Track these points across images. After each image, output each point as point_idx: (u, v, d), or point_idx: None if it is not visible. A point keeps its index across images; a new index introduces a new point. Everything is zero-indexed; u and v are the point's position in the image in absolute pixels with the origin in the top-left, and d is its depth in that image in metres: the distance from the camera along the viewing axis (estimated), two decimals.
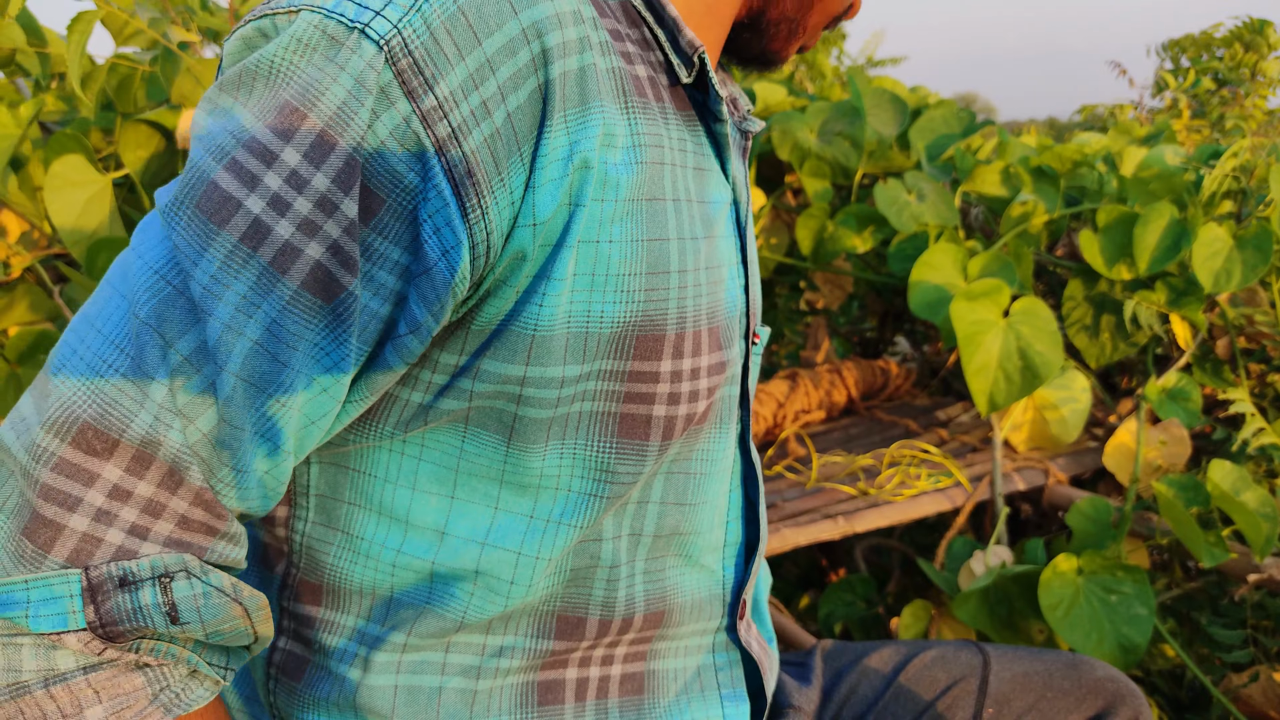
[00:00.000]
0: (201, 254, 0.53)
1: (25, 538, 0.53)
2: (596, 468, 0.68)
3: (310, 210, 0.54)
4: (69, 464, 0.53)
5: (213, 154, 0.54)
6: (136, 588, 0.54)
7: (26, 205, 1.28)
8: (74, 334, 0.55)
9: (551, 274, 0.59)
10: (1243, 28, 3.04)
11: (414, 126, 0.54)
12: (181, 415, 0.54)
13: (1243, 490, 1.54)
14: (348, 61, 0.53)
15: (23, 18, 1.35)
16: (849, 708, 1.01)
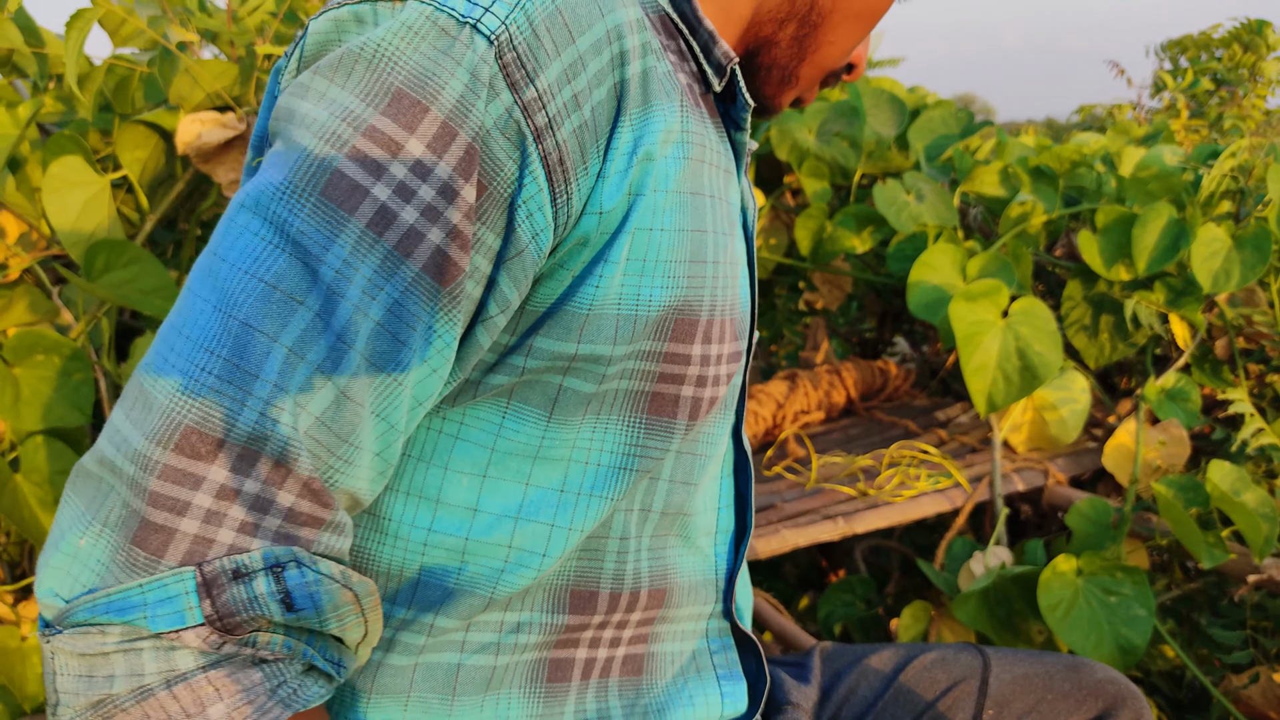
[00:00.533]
0: (332, 240, 0.55)
1: (136, 546, 0.54)
2: (627, 442, 0.71)
3: (433, 197, 0.56)
4: (174, 470, 0.54)
5: (330, 142, 0.55)
6: (250, 579, 0.55)
7: (25, 206, 1.28)
8: (163, 344, 0.56)
9: (608, 258, 0.63)
10: (1241, 28, 3.04)
11: (515, 116, 0.57)
12: (293, 403, 0.55)
13: (1242, 491, 1.54)
14: (462, 55, 0.56)
15: (20, 18, 1.35)
16: (848, 708, 1.01)
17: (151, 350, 0.57)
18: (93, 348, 1.28)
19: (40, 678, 1.20)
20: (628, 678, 0.79)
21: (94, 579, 0.55)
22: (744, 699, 0.86)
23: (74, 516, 0.56)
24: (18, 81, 1.44)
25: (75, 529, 0.56)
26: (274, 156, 0.58)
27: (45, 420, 1.19)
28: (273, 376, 0.55)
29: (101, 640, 0.54)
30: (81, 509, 0.56)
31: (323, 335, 0.56)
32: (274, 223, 0.55)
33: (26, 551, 1.35)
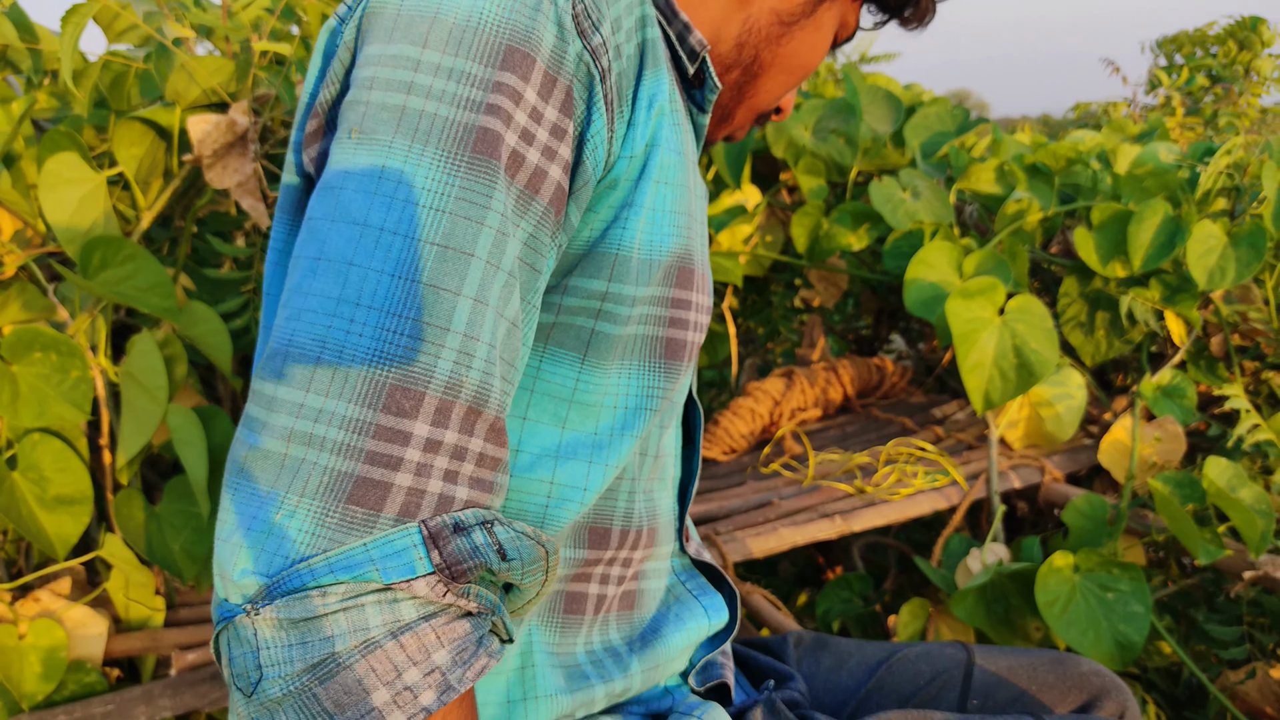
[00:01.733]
0: (493, 186, 0.61)
1: (352, 504, 0.57)
2: (646, 384, 0.79)
3: (548, 138, 0.64)
4: (386, 429, 0.58)
5: (465, 106, 0.61)
6: (469, 531, 0.60)
7: (20, 203, 1.28)
8: (337, 318, 0.59)
9: (635, 202, 0.71)
10: (1237, 25, 3.04)
11: (585, 59, 0.65)
12: (486, 347, 0.61)
13: (1238, 487, 1.54)
14: (549, 10, 0.63)
15: (14, 14, 1.35)
16: (829, 695, 1.02)
17: (314, 324, 0.59)
18: (89, 345, 1.28)
19: (38, 676, 1.20)
20: (623, 612, 0.86)
21: (301, 548, 0.57)
22: (724, 609, 0.92)
23: (256, 498, 0.58)
24: (11, 78, 1.43)
25: (266, 508, 0.57)
26: (388, 127, 0.61)
27: (42, 418, 1.18)
28: (461, 327, 0.60)
29: (321, 602, 0.56)
30: (264, 489, 0.58)
31: (496, 276, 0.62)
32: (433, 189, 0.60)
33: (24, 550, 1.35)
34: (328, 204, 0.61)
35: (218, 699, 1.26)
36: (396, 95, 0.61)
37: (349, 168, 0.61)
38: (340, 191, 0.61)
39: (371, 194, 0.60)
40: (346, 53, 0.67)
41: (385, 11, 0.64)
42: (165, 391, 1.26)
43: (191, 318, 1.35)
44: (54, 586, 1.29)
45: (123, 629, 1.34)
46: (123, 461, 1.27)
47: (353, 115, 0.63)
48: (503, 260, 0.62)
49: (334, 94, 0.68)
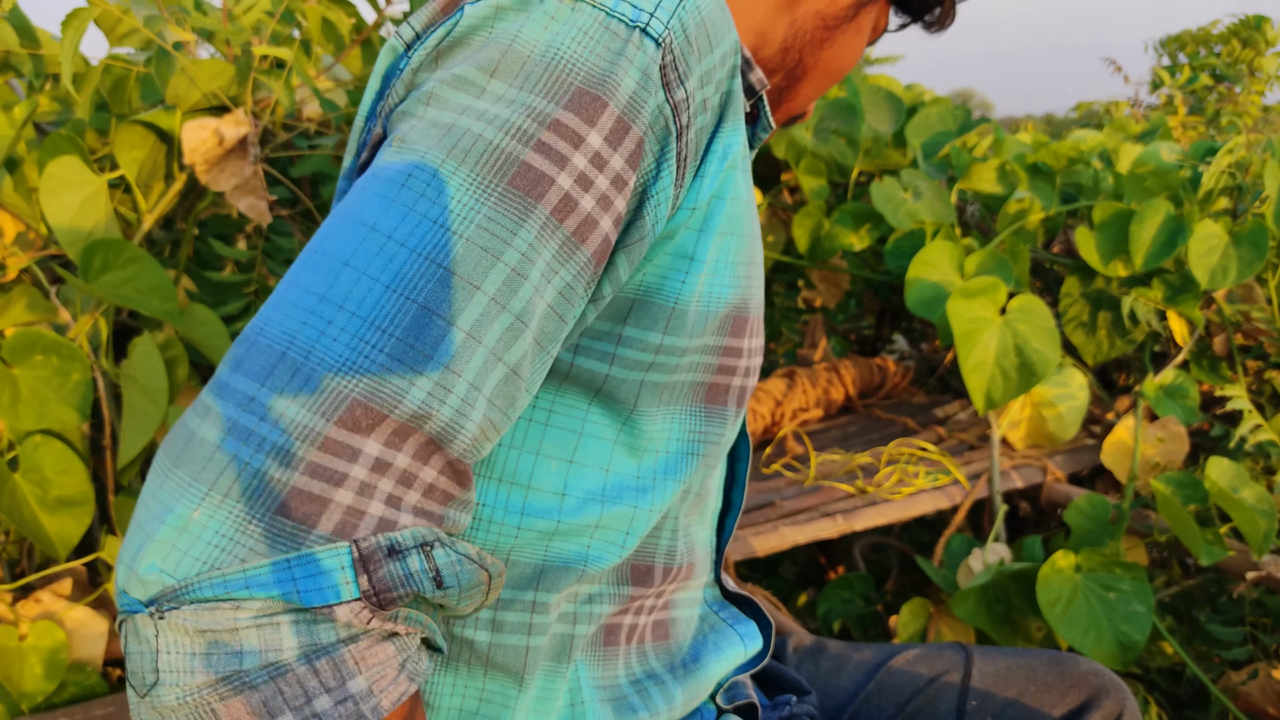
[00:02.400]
0: (519, 227, 0.58)
1: (281, 516, 0.53)
2: (691, 429, 0.78)
3: (607, 186, 0.61)
4: (335, 442, 0.54)
5: (515, 137, 0.58)
6: (404, 556, 0.56)
7: (22, 206, 1.28)
8: (314, 316, 0.55)
9: (697, 256, 0.68)
10: (1240, 24, 3.04)
11: (665, 113, 0.62)
12: (468, 386, 0.58)
13: (1241, 487, 1.54)
14: (634, 56, 0.61)
15: (15, 18, 1.35)
16: (828, 699, 1.02)
17: (289, 318, 0.56)
18: (91, 347, 1.28)
19: (39, 677, 1.20)
20: (658, 641, 0.85)
21: (214, 553, 0.53)
22: (759, 637, 0.93)
23: (179, 487, 0.54)
24: (14, 81, 1.44)
25: (185, 500, 0.53)
26: (430, 140, 0.59)
27: (43, 420, 1.19)
28: (446, 359, 0.56)
29: (233, 615, 0.53)
30: (188, 480, 0.54)
31: (499, 317, 0.58)
32: (456, 211, 0.57)
33: (25, 550, 1.35)
34: (346, 203, 0.59)
35: None
36: (449, 114, 0.59)
37: (378, 173, 0.59)
38: (361, 192, 0.59)
39: (390, 200, 0.58)
40: (411, 75, 0.64)
41: (470, 42, 0.62)
42: (166, 393, 1.27)
43: (193, 320, 1.35)
44: (55, 587, 1.29)
45: None
46: (124, 463, 1.28)
47: (403, 126, 0.61)
48: (511, 302, 0.59)
49: (389, 113, 0.65)
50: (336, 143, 1.52)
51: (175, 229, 1.48)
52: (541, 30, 0.60)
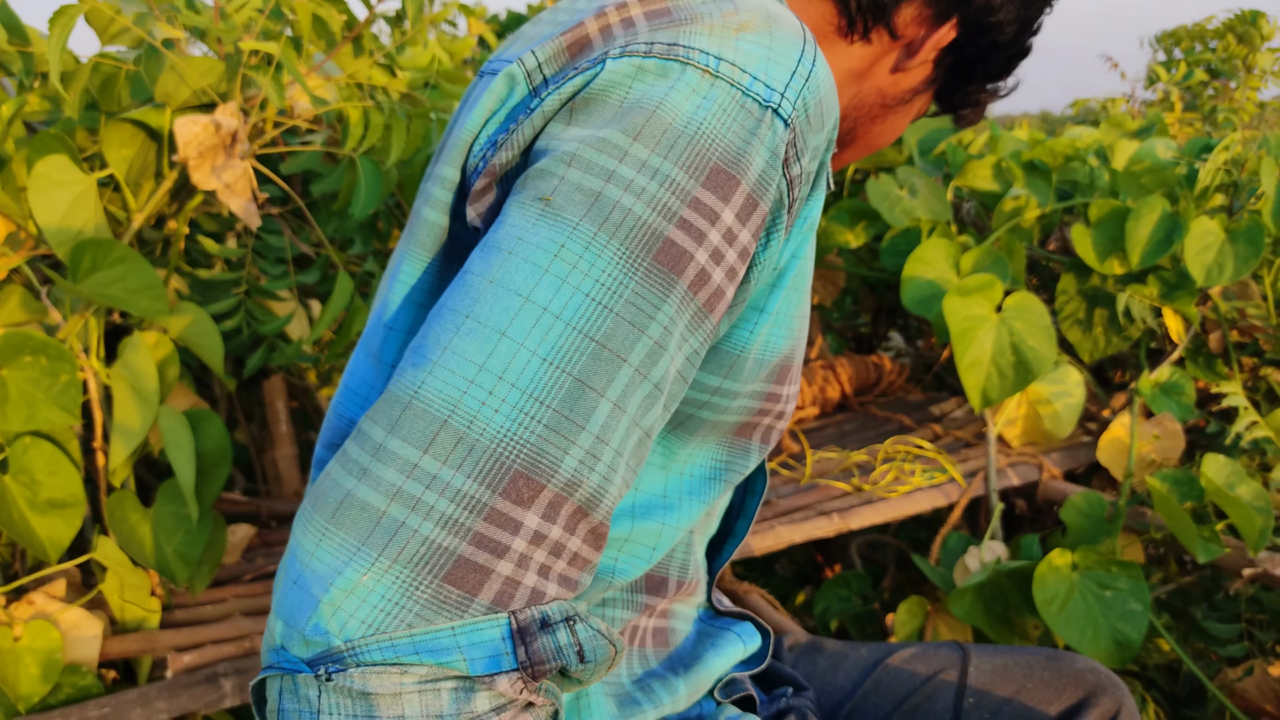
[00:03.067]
0: (663, 302, 0.60)
1: (449, 584, 0.55)
2: (716, 459, 0.80)
3: (736, 260, 0.63)
4: (500, 514, 0.56)
5: (661, 213, 0.60)
6: (554, 629, 0.57)
7: (10, 206, 1.27)
8: (475, 386, 0.57)
9: (766, 308, 0.71)
10: (1235, 19, 3.03)
11: (782, 188, 0.64)
12: (612, 453, 0.60)
13: (1236, 484, 1.54)
14: (766, 136, 0.62)
15: (4, 16, 1.34)
16: (825, 697, 1.02)
17: (448, 384, 0.57)
18: (81, 347, 1.28)
19: (35, 678, 1.20)
20: (658, 648, 0.88)
21: (380, 616, 0.54)
22: (756, 635, 0.94)
23: (346, 550, 0.55)
24: (3, 79, 1.43)
25: (355, 565, 0.54)
26: (579, 209, 0.59)
27: (32, 421, 1.18)
28: (596, 428, 0.58)
29: (399, 680, 0.54)
30: (356, 543, 0.55)
31: (640, 386, 0.60)
32: (607, 285, 0.58)
33: (18, 553, 1.34)
34: (491, 264, 0.59)
35: (213, 701, 1.26)
36: (594, 180, 0.60)
37: (525, 236, 0.59)
38: (509, 257, 0.59)
39: (542, 270, 0.58)
40: (541, 120, 0.64)
41: (608, 100, 0.63)
42: (157, 394, 1.26)
43: (183, 319, 1.35)
44: (49, 589, 1.29)
45: (118, 630, 1.34)
46: (115, 464, 1.27)
47: (543, 185, 0.60)
48: (652, 371, 0.61)
49: (511, 158, 0.65)
50: (326, 139, 1.51)
51: (165, 228, 1.47)
52: (684, 101, 0.61)
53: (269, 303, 1.61)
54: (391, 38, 1.66)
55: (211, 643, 1.34)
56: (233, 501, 1.80)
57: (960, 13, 0.83)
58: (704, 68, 0.62)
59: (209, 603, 1.46)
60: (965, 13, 0.83)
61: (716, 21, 0.65)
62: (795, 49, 0.65)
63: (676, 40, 0.63)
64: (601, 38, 0.66)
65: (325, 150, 1.45)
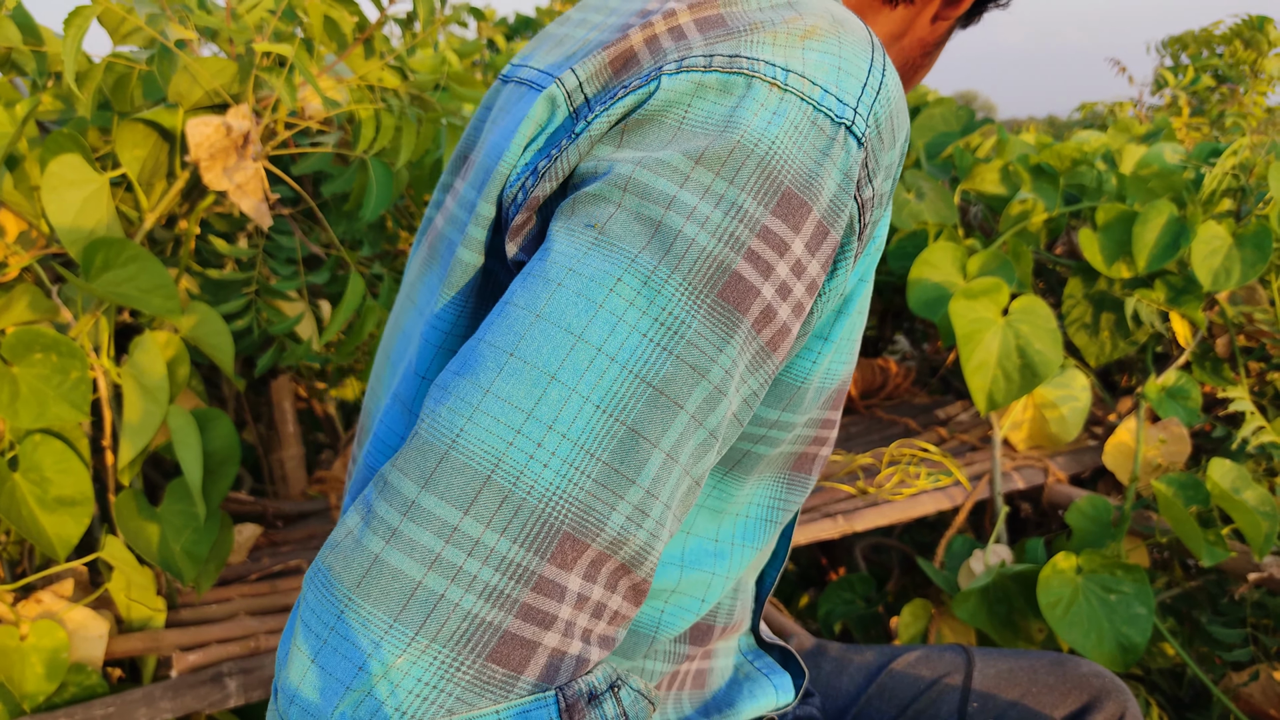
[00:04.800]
0: (726, 341, 0.54)
1: (493, 663, 0.49)
2: (773, 496, 0.75)
3: (803, 294, 0.57)
4: (547, 581, 0.50)
5: (727, 243, 0.54)
6: (600, 701, 0.52)
7: (23, 205, 1.28)
8: (522, 437, 0.50)
9: (830, 336, 0.66)
10: (1243, 24, 3.03)
11: (853, 213, 0.59)
12: (661, 506, 0.54)
13: (1242, 489, 1.54)
14: (838, 157, 0.57)
15: (19, 16, 1.35)
16: (830, 701, 1.02)
17: (491, 434, 0.50)
18: (92, 346, 1.28)
19: (40, 677, 1.20)
20: (695, 690, 0.84)
21: (416, 703, 0.48)
22: (790, 686, 0.91)
23: (377, 627, 0.49)
24: (17, 79, 1.44)
25: (388, 646, 0.48)
26: (638, 239, 0.54)
27: (42, 419, 1.19)
28: (647, 482, 0.53)
29: None
30: (386, 619, 0.49)
31: (695, 434, 0.55)
32: (666, 324, 0.53)
33: (26, 551, 1.35)
34: (538, 297, 0.53)
35: (218, 701, 1.26)
36: (654, 207, 0.54)
37: (577, 267, 0.53)
38: (559, 289, 0.53)
39: (596, 305, 0.52)
40: (588, 145, 0.58)
41: (665, 120, 0.57)
42: (166, 393, 1.26)
43: (194, 319, 1.35)
44: (56, 588, 1.29)
45: (124, 630, 1.34)
46: (123, 462, 1.27)
47: (596, 211, 0.55)
48: (709, 419, 0.55)
49: (554, 188, 0.59)
50: (337, 140, 1.52)
51: (177, 227, 1.48)
52: (751, 118, 0.55)
53: (279, 303, 1.61)
54: (402, 40, 1.66)
55: (216, 642, 1.35)
56: (239, 501, 1.81)
57: None
58: (771, 80, 0.56)
59: (214, 602, 1.46)
60: None
61: (780, 28, 0.59)
62: (865, 56, 0.59)
63: (738, 51, 0.57)
64: (649, 51, 0.60)
65: (336, 151, 1.46)
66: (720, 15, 0.60)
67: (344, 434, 2.20)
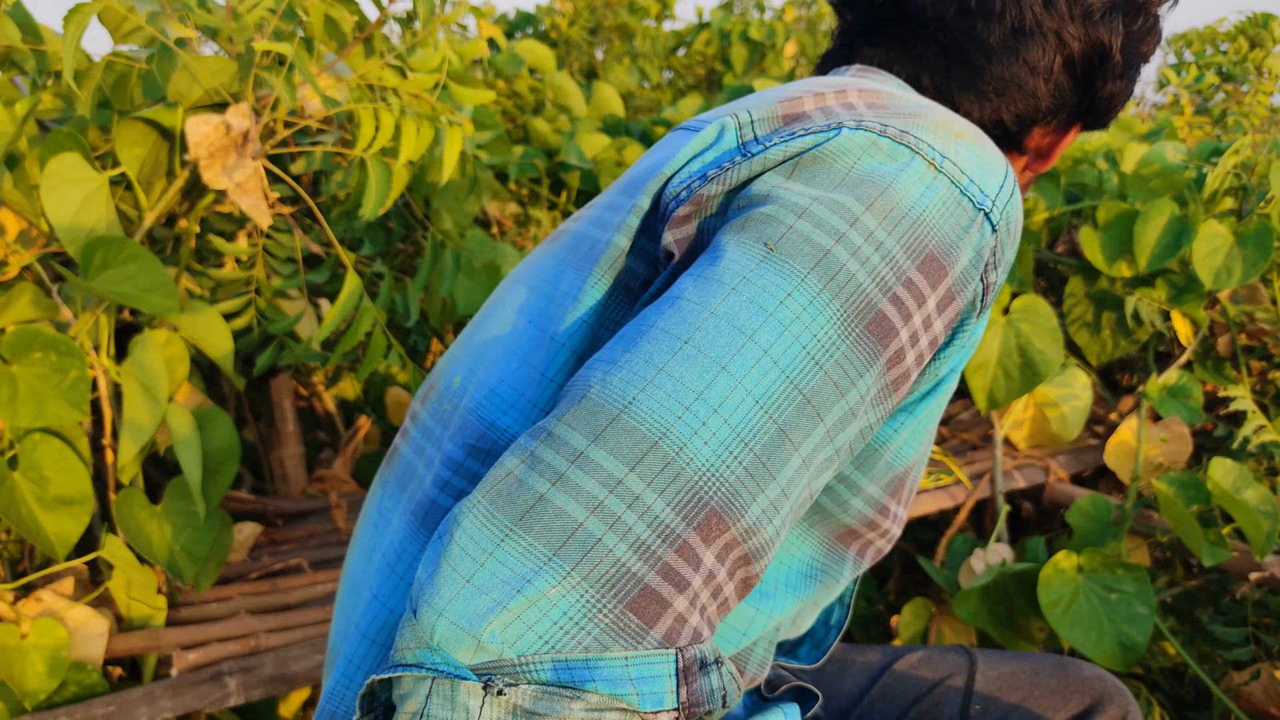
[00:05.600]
0: (867, 370, 0.61)
1: (631, 612, 0.53)
2: (813, 557, 0.80)
3: (926, 346, 0.65)
4: (689, 548, 0.54)
5: (878, 282, 0.61)
6: (709, 671, 0.55)
7: (23, 203, 1.28)
8: (690, 414, 0.56)
9: (914, 412, 0.73)
10: (1247, 22, 3.02)
11: (977, 292, 0.67)
12: (790, 508, 0.59)
13: (1243, 488, 1.53)
14: (975, 236, 0.65)
15: (18, 14, 1.35)
16: (833, 703, 1.02)
17: (663, 406, 0.56)
18: (91, 345, 1.28)
19: (41, 675, 1.20)
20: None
21: (557, 634, 0.52)
22: (796, 711, 0.92)
23: (535, 558, 0.53)
24: (17, 78, 1.44)
25: (545, 576, 0.52)
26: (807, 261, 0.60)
27: (41, 418, 1.19)
28: (784, 480, 0.58)
29: (569, 704, 0.51)
30: (547, 551, 0.53)
31: (826, 448, 0.60)
32: (823, 341, 0.59)
33: (27, 550, 1.35)
34: (712, 296, 0.59)
35: (218, 699, 1.26)
36: (825, 237, 0.61)
37: (750, 276, 0.60)
38: (733, 293, 0.59)
39: (767, 313, 0.59)
40: (760, 166, 0.66)
41: (835, 164, 0.65)
42: (166, 391, 1.26)
43: (193, 318, 1.35)
44: (57, 586, 1.29)
45: (124, 628, 1.34)
46: (123, 461, 1.28)
47: (769, 230, 0.61)
48: (838, 437, 0.61)
49: (718, 193, 0.66)
50: (337, 140, 1.52)
51: (176, 226, 1.48)
52: (911, 185, 0.64)
53: (278, 302, 1.61)
54: (402, 39, 1.66)
55: (217, 641, 1.35)
56: (239, 500, 1.81)
57: (1083, 118, 0.88)
58: (930, 160, 0.65)
59: (214, 600, 1.46)
60: (1088, 116, 0.88)
61: (939, 121, 0.69)
62: (1002, 166, 0.68)
63: (908, 129, 0.67)
64: (821, 113, 0.68)
65: (336, 150, 1.45)
66: (885, 103, 0.70)
67: (344, 432, 2.20)
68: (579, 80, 3.37)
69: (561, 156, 2.33)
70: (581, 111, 2.68)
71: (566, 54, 3.50)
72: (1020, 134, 0.86)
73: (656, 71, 3.65)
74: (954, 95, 0.83)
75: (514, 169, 2.16)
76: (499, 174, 2.24)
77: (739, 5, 4.28)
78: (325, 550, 1.70)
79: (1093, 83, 0.85)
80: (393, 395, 2.19)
